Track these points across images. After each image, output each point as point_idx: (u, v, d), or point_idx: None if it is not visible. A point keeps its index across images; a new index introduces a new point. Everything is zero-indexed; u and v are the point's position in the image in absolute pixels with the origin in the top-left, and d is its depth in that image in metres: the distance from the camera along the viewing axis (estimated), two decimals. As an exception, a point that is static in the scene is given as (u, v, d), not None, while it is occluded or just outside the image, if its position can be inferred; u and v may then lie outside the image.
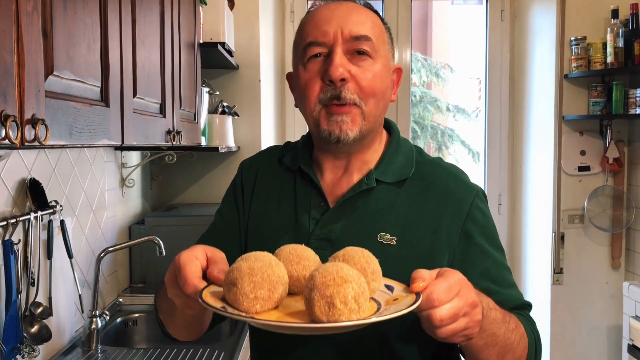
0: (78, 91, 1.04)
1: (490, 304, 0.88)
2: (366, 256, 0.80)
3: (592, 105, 3.01)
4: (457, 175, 1.07)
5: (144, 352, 1.82)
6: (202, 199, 2.91)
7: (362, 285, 0.70)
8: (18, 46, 0.82)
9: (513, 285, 1.05)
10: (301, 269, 0.80)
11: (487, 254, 1.02)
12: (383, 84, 1.01)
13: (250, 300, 0.71)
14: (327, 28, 0.99)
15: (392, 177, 1.04)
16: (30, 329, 1.54)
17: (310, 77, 0.99)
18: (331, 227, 1.02)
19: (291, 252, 0.82)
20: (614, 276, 3.18)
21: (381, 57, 1.01)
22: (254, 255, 0.76)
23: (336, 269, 0.70)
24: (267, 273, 0.73)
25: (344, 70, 0.96)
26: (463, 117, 6.94)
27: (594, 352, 3.19)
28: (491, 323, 0.87)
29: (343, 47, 0.98)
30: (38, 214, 1.57)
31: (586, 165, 3.13)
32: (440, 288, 0.75)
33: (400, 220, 1.01)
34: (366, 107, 0.99)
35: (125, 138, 1.28)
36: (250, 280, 0.72)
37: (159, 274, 2.43)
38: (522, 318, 1.00)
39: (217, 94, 2.75)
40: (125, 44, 1.29)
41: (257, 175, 1.14)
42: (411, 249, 0.99)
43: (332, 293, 0.68)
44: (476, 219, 1.02)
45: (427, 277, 0.76)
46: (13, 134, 0.78)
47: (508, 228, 3.52)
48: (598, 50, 2.95)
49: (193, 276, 0.79)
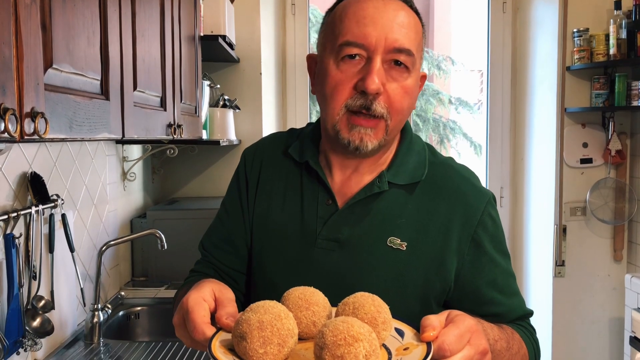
0: (78, 84, 1.04)
1: (495, 335, 0.89)
2: (377, 305, 0.79)
3: (595, 97, 2.99)
4: (469, 180, 1.04)
5: (146, 345, 1.82)
6: (204, 193, 2.91)
7: (373, 343, 0.70)
8: (17, 39, 0.81)
9: (517, 294, 1.05)
10: (310, 315, 0.80)
11: (496, 262, 1.01)
12: (412, 100, 0.98)
13: (259, 355, 0.72)
14: (370, 31, 0.92)
15: (404, 179, 1.01)
16: (33, 323, 1.54)
17: (342, 79, 0.94)
18: (340, 229, 1.00)
19: (300, 297, 0.81)
20: (616, 268, 3.17)
21: (416, 71, 0.97)
22: (263, 306, 0.75)
23: (347, 326, 0.70)
24: (277, 327, 0.73)
25: (380, 84, 0.92)
26: (465, 109, 6.92)
27: (595, 345, 3.19)
28: (497, 355, 0.88)
29: (383, 56, 0.93)
30: (39, 207, 1.57)
31: (588, 157, 3.12)
32: (451, 337, 0.74)
33: (411, 225, 0.99)
34: (391, 122, 0.95)
35: (126, 131, 1.28)
36: (260, 335, 0.72)
37: (160, 267, 2.44)
38: (523, 333, 1.02)
39: (218, 87, 2.75)
40: (125, 37, 1.29)
41: (262, 166, 1.10)
42: (421, 255, 0.98)
43: (342, 353, 0.68)
44: (487, 227, 1.01)
45: (437, 324, 0.75)
46: (12, 127, 0.78)
47: (510, 221, 3.52)
48: (601, 42, 2.93)
49: (202, 322, 0.78)
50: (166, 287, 2.38)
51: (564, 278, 3.15)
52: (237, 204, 1.11)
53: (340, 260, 0.99)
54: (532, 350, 1.01)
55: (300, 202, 1.04)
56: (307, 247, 1.01)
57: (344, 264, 0.99)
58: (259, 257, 1.07)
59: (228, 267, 1.11)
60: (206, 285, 0.84)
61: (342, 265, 0.99)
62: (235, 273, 1.11)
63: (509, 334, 0.95)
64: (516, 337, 0.97)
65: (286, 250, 1.03)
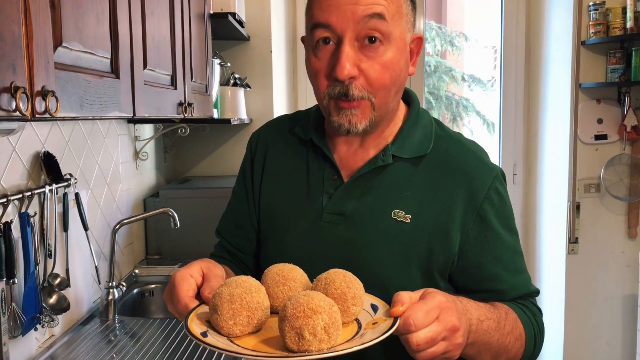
0: (88, 63, 1.04)
1: (482, 315, 0.89)
2: (347, 280, 0.81)
3: (610, 72, 2.95)
4: (477, 154, 1.03)
5: (160, 321, 1.85)
6: (216, 172, 2.92)
7: (333, 316, 0.72)
8: (26, 17, 0.81)
9: (522, 272, 1.04)
10: (287, 290, 0.84)
11: (501, 238, 1.00)
12: (394, 72, 0.94)
13: (229, 326, 0.76)
14: (334, 9, 0.90)
15: (409, 152, 1.01)
16: (49, 300, 1.57)
17: (319, 68, 0.94)
18: (345, 202, 1.01)
19: (278, 273, 0.85)
20: (630, 245, 3.15)
21: (395, 39, 0.93)
22: (235, 280, 0.79)
23: (307, 299, 0.73)
24: (246, 300, 0.77)
25: (352, 68, 0.90)
26: (478, 87, 6.86)
27: (608, 322, 3.19)
28: (484, 334, 0.89)
29: (353, 33, 0.90)
30: (53, 187, 1.58)
31: (603, 133, 3.08)
32: (418, 313, 0.76)
33: (415, 197, 0.99)
34: (376, 99, 0.94)
35: (137, 110, 1.28)
36: (230, 308, 0.76)
37: (174, 245, 2.46)
38: (523, 312, 1.00)
39: (229, 65, 2.73)
40: (135, 15, 1.28)
41: (268, 147, 1.12)
42: (425, 228, 0.97)
43: (301, 325, 0.71)
44: (493, 201, 0.99)
45: (407, 300, 0.77)
46: (24, 106, 0.78)
47: (523, 198, 3.50)
48: (617, 15, 2.87)
49: (185, 295, 0.83)
50: (179, 265, 2.40)
51: (577, 255, 3.14)
52: (243, 188, 1.14)
53: (346, 233, 1.00)
54: (530, 331, 1.00)
55: (307, 179, 1.06)
56: (313, 222, 1.02)
57: (349, 238, 0.99)
58: (266, 235, 1.10)
59: (239, 250, 1.15)
60: (196, 263, 0.88)
61: (348, 239, 1.00)
62: (245, 256, 1.15)
63: (502, 314, 0.94)
64: (511, 316, 0.96)
65: (293, 227, 1.04)
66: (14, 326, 1.40)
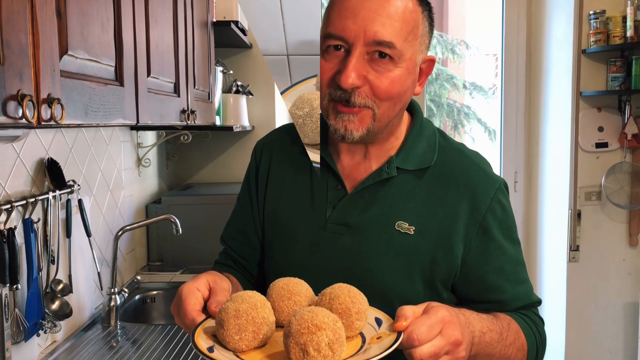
0: (93, 71, 1.05)
1: (484, 327, 0.90)
2: (352, 295, 0.82)
3: (611, 80, 2.96)
4: (479, 166, 1.03)
5: (162, 328, 1.85)
6: (218, 178, 2.93)
7: (337, 332, 0.73)
8: (32, 26, 0.82)
9: (524, 282, 1.04)
10: (292, 304, 0.84)
11: (503, 250, 1.01)
12: (402, 88, 0.94)
13: (236, 341, 0.77)
14: (349, 24, 0.90)
15: (413, 164, 1.01)
16: (52, 306, 1.57)
17: (326, 69, 0.94)
18: (349, 213, 1.01)
19: (283, 287, 0.86)
20: (632, 253, 3.15)
21: (406, 60, 0.93)
22: (241, 296, 0.80)
23: (311, 316, 0.73)
24: (252, 315, 0.78)
25: (357, 78, 0.90)
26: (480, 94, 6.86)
27: (610, 329, 3.18)
28: (487, 346, 0.90)
29: (364, 48, 0.91)
30: (56, 193, 1.59)
31: (604, 141, 3.08)
32: (421, 327, 0.76)
33: (419, 209, 0.99)
34: (379, 109, 0.93)
35: (140, 117, 1.29)
36: (236, 323, 0.77)
37: (176, 252, 2.47)
38: (524, 322, 1.01)
39: (231, 73, 2.75)
40: (139, 23, 1.30)
41: (272, 156, 1.13)
42: (429, 239, 0.98)
43: (305, 341, 0.72)
44: (496, 213, 1.00)
45: (410, 314, 0.78)
46: (30, 113, 0.79)
47: (524, 205, 3.50)
48: (617, 24, 2.89)
49: (192, 310, 0.84)
50: (181, 271, 2.41)
51: (579, 263, 3.14)
52: (247, 197, 1.15)
53: (350, 243, 1.00)
54: (532, 341, 1.00)
55: (310, 188, 1.06)
56: (317, 232, 1.03)
57: (353, 248, 1.00)
58: (271, 244, 1.10)
59: (243, 258, 1.16)
60: (203, 276, 0.89)
61: (352, 249, 1.00)
62: (249, 264, 1.16)
63: (504, 325, 0.95)
64: (513, 327, 0.97)
65: (297, 236, 1.05)
66: (16, 332, 1.41)
